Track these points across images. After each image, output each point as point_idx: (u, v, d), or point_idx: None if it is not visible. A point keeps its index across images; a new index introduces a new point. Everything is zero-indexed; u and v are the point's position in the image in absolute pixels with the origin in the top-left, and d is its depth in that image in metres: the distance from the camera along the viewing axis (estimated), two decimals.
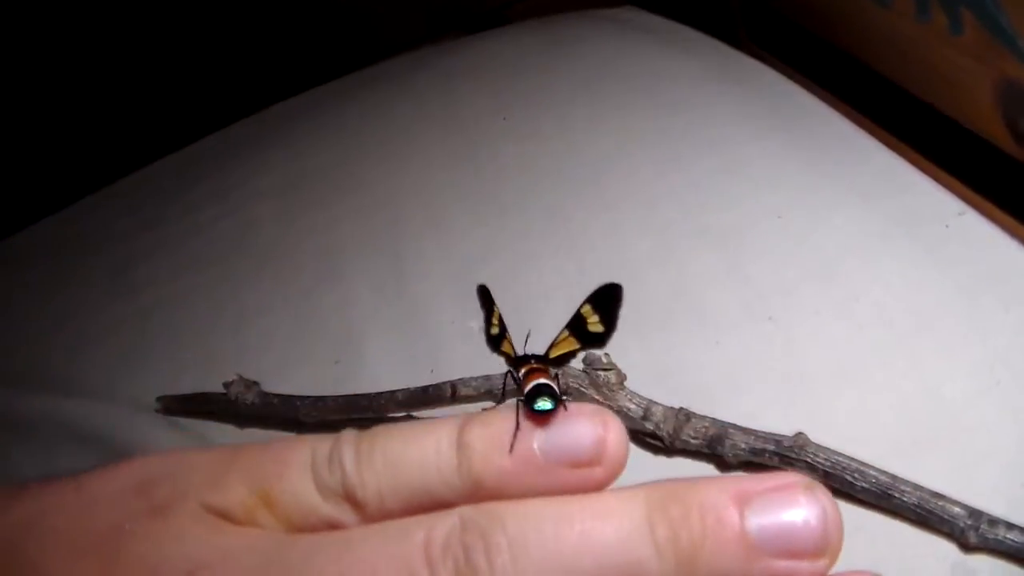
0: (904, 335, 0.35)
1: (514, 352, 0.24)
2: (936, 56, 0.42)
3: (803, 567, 0.17)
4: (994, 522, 0.28)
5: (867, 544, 0.29)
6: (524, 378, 0.22)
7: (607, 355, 0.33)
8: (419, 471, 0.19)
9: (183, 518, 0.19)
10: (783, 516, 0.17)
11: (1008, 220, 0.38)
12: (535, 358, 0.24)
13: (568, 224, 0.44)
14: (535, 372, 0.23)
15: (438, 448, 0.19)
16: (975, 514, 0.28)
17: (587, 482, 0.19)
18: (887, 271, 0.37)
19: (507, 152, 0.50)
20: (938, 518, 0.28)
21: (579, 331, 0.25)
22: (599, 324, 0.25)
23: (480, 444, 0.19)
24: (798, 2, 0.57)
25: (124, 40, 0.77)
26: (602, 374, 0.32)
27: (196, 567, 0.18)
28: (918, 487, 0.29)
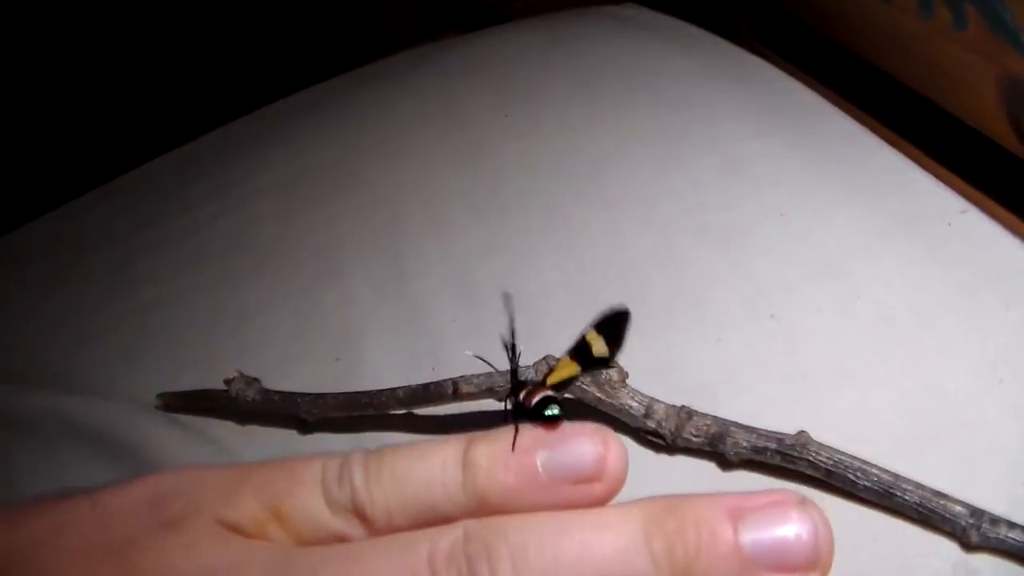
0: (906, 333, 0.35)
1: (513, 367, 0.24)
2: (939, 52, 0.42)
3: None
4: (996, 521, 0.28)
5: (869, 543, 0.29)
6: (527, 395, 0.23)
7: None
8: (426, 488, 0.19)
9: (196, 531, 0.19)
10: (776, 531, 0.18)
11: (1010, 218, 0.38)
12: (533, 384, 0.24)
13: (568, 222, 0.44)
14: (537, 388, 0.23)
15: (444, 466, 0.20)
16: (977, 513, 0.28)
17: (587, 498, 0.19)
18: (889, 269, 0.37)
19: (507, 150, 0.50)
20: (940, 517, 0.28)
21: (582, 355, 0.25)
22: (604, 347, 0.25)
23: (485, 462, 0.19)
24: None
25: (124, 38, 0.77)
26: (604, 372, 0.32)
27: None
28: (920, 486, 0.29)
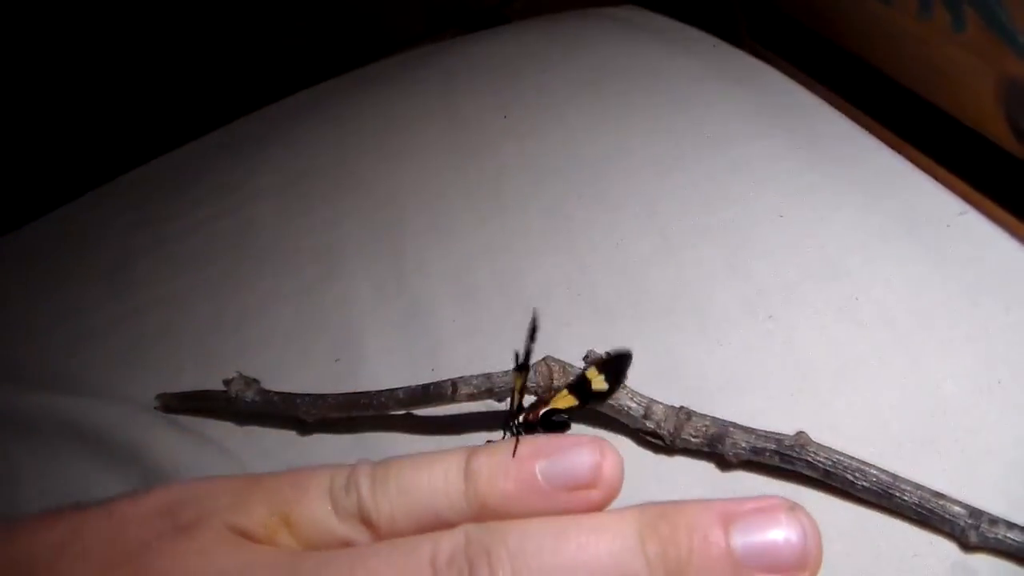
0: (905, 334, 0.35)
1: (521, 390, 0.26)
2: (938, 54, 0.42)
3: None
4: (995, 521, 0.28)
5: (867, 544, 0.29)
6: (531, 410, 0.25)
7: (608, 353, 0.33)
8: (429, 495, 0.20)
9: (207, 536, 0.20)
10: (766, 535, 0.18)
11: (1009, 219, 0.38)
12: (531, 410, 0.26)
13: (569, 222, 0.44)
14: (538, 404, 0.26)
15: (447, 474, 0.21)
16: (976, 513, 0.28)
17: (584, 503, 0.20)
18: (888, 270, 0.37)
19: (507, 151, 0.50)
20: (939, 517, 0.28)
21: (581, 391, 0.28)
22: (604, 383, 0.28)
23: (486, 470, 0.20)
24: (799, 0, 0.57)
25: (125, 38, 0.77)
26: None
27: None
28: (919, 486, 0.29)
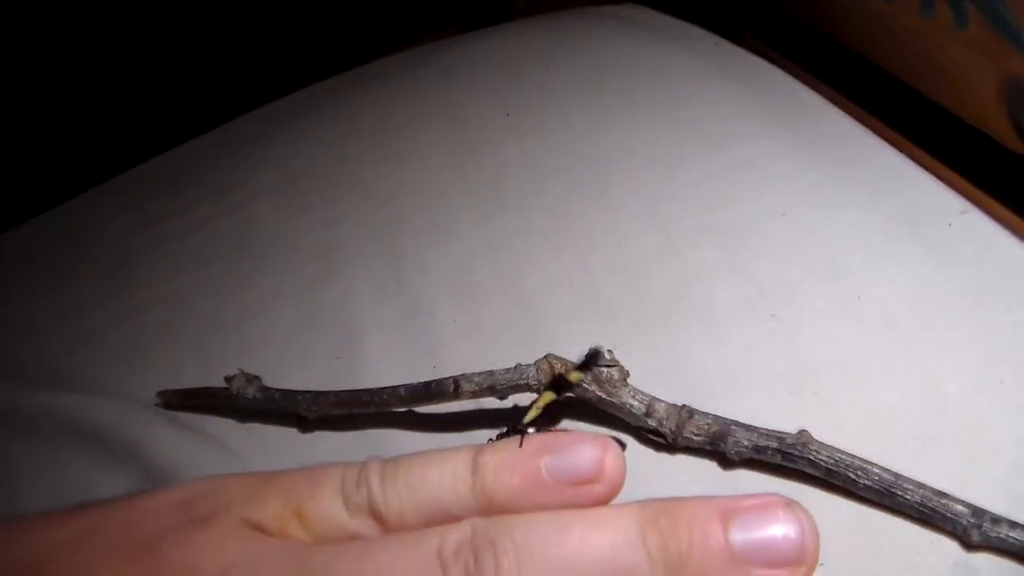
0: (907, 333, 0.35)
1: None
2: (940, 52, 0.41)
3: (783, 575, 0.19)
4: (997, 520, 0.28)
5: (869, 542, 0.29)
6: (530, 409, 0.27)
7: (610, 351, 0.33)
8: (437, 490, 0.21)
9: (222, 528, 0.21)
10: (764, 531, 0.19)
11: (1012, 217, 0.38)
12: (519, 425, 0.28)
13: (570, 222, 0.44)
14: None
15: (455, 470, 0.21)
16: (978, 512, 0.28)
17: (588, 498, 0.21)
18: (890, 269, 0.37)
19: (508, 149, 0.50)
20: (941, 516, 0.28)
21: (558, 386, 0.29)
22: (579, 375, 0.30)
23: (492, 466, 0.21)
24: None
25: (124, 37, 0.77)
26: (605, 370, 0.32)
27: (230, 567, 0.20)
28: (921, 485, 0.29)
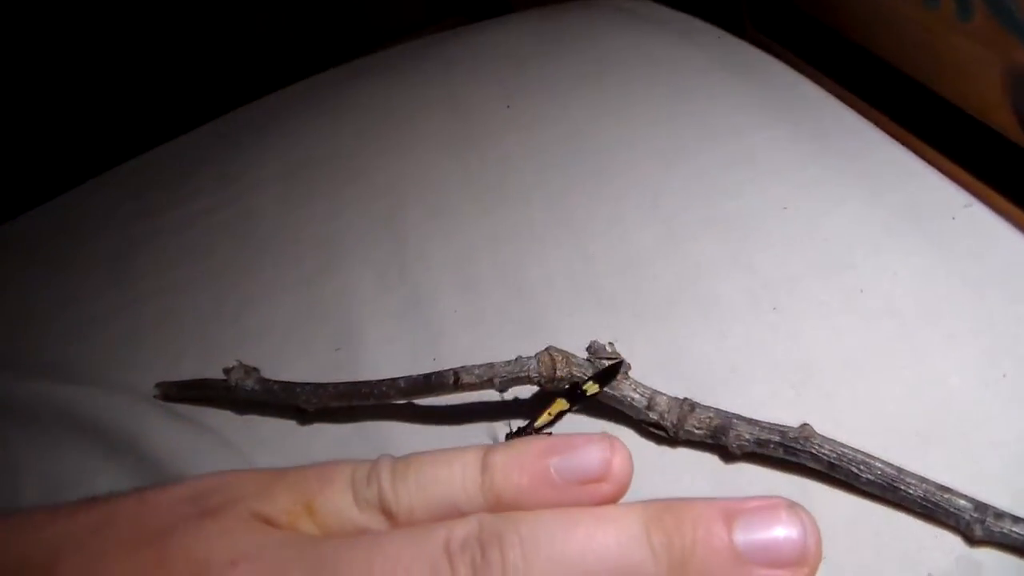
0: (910, 327, 0.34)
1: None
2: (943, 43, 0.41)
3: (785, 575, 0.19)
4: (1000, 515, 0.28)
5: (872, 536, 0.29)
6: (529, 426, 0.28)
7: (611, 344, 0.33)
8: (447, 488, 0.22)
9: (232, 520, 0.21)
10: (767, 531, 0.19)
11: (1015, 211, 0.38)
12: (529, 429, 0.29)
13: (572, 214, 0.44)
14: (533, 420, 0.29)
15: (464, 469, 0.22)
16: (981, 507, 0.28)
17: (595, 496, 0.21)
18: (893, 263, 0.37)
19: (510, 141, 0.50)
20: (944, 511, 0.28)
21: (573, 395, 0.30)
22: (596, 387, 0.30)
23: (501, 464, 0.22)
24: None
25: (124, 27, 0.77)
26: (607, 363, 0.32)
27: (239, 558, 0.20)
28: (924, 479, 0.28)
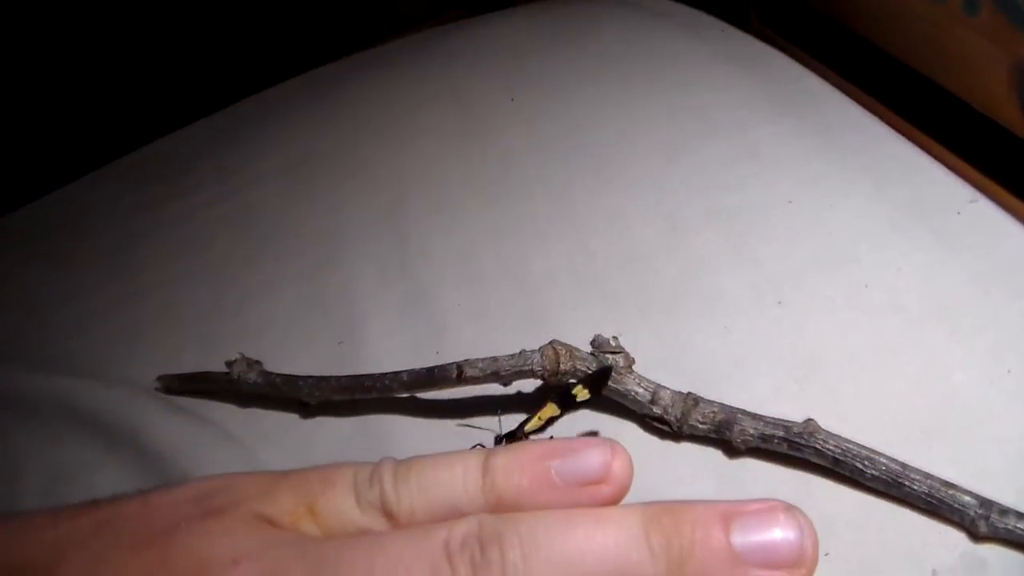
0: (915, 322, 0.34)
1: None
2: (950, 38, 0.41)
3: None
4: (1005, 512, 0.27)
5: (876, 532, 0.29)
6: (520, 429, 0.29)
7: (615, 338, 0.32)
8: (448, 490, 0.22)
9: (235, 520, 0.21)
10: (764, 533, 0.20)
11: (1021, 207, 0.38)
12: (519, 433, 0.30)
13: (575, 207, 0.44)
14: (525, 423, 0.29)
15: (466, 471, 0.22)
16: (985, 503, 0.28)
17: (595, 498, 0.22)
18: (898, 258, 0.37)
19: (513, 134, 0.50)
20: (948, 507, 0.28)
21: (564, 401, 0.30)
22: (586, 393, 0.30)
23: (503, 466, 0.22)
24: None
25: (125, 20, 0.77)
26: (610, 357, 0.32)
27: (241, 557, 0.20)
28: (928, 475, 0.28)
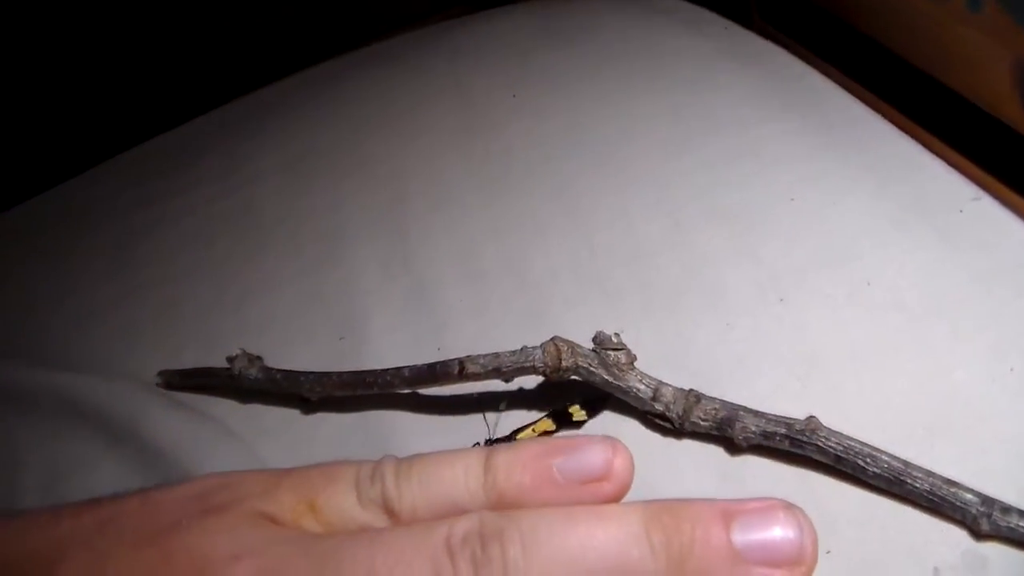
0: (917, 320, 0.34)
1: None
2: (952, 35, 0.41)
3: (781, 574, 0.20)
4: (1007, 510, 0.27)
5: (878, 530, 0.29)
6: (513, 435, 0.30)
7: (617, 335, 0.32)
8: (450, 487, 0.22)
9: (236, 517, 0.21)
10: (764, 532, 0.20)
11: (1023, 204, 0.38)
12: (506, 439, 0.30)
13: (577, 204, 0.44)
14: (519, 431, 0.30)
15: (467, 468, 0.22)
16: (988, 501, 0.28)
17: (596, 495, 0.22)
18: (900, 255, 0.37)
19: (515, 130, 0.49)
20: (950, 505, 0.28)
21: (560, 418, 0.30)
22: (583, 414, 0.30)
23: (504, 464, 0.22)
24: None
25: (126, 16, 0.77)
26: (612, 354, 0.32)
27: (242, 553, 0.20)
28: (930, 473, 0.28)
